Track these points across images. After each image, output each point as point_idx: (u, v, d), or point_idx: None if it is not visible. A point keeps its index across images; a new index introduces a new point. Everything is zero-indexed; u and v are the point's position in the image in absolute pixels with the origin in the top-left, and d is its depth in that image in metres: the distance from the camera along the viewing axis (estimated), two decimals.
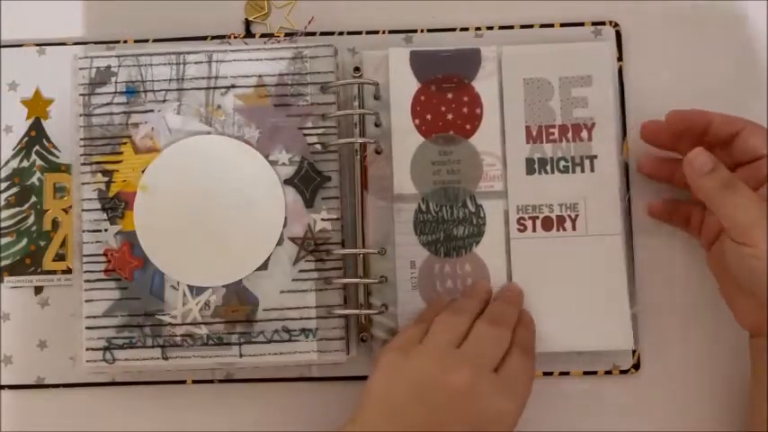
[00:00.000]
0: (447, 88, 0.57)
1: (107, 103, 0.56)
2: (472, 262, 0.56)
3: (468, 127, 0.56)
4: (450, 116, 0.56)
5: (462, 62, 0.57)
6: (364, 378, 0.56)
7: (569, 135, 0.56)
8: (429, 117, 0.56)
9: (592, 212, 0.56)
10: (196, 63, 0.56)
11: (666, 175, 0.56)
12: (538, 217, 0.56)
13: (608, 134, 0.56)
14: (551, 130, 0.56)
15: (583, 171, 0.56)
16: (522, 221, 0.56)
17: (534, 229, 0.56)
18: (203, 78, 0.56)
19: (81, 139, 0.56)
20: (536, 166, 0.56)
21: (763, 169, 0.50)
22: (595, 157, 0.56)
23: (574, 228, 0.55)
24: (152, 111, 0.56)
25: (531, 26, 0.58)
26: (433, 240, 0.56)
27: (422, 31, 0.58)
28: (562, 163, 0.56)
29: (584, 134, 0.56)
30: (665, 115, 0.53)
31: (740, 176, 0.48)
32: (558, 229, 0.56)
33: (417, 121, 0.56)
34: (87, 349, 0.55)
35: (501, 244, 0.56)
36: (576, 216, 0.56)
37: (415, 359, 0.50)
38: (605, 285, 0.55)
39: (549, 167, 0.56)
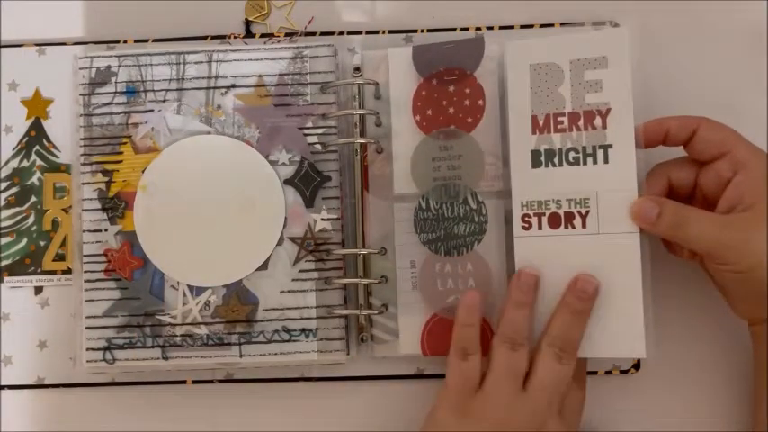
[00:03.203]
0: (449, 81, 0.55)
1: (107, 103, 0.56)
2: (473, 261, 0.54)
3: (469, 120, 0.54)
4: (451, 110, 0.55)
5: (465, 52, 0.55)
6: (364, 378, 0.57)
7: (580, 123, 0.52)
8: (430, 113, 0.55)
9: (604, 208, 0.51)
10: (196, 63, 0.56)
11: (660, 139, 0.53)
12: (544, 213, 0.52)
13: (625, 121, 0.51)
14: (560, 119, 0.52)
15: (595, 162, 0.51)
16: (526, 218, 0.52)
17: (540, 227, 0.52)
18: (203, 78, 0.56)
19: (81, 139, 0.56)
20: (542, 158, 0.52)
21: (722, 171, 0.50)
22: (610, 146, 0.51)
23: (584, 225, 0.51)
24: (152, 111, 0.56)
25: (532, 26, 0.58)
26: (434, 239, 0.55)
27: (422, 31, 0.58)
28: (572, 154, 0.52)
29: (598, 121, 0.51)
30: None
31: (705, 177, 0.51)
32: (566, 227, 0.52)
33: (418, 118, 0.55)
34: (87, 349, 0.55)
35: (504, 242, 0.54)
36: (587, 212, 0.51)
37: (476, 414, 0.50)
38: (618, 289, 0.51)
39: (556, 159, 0.52)
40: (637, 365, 0.56)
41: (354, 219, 0.56)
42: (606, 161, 0.51)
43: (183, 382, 0.57)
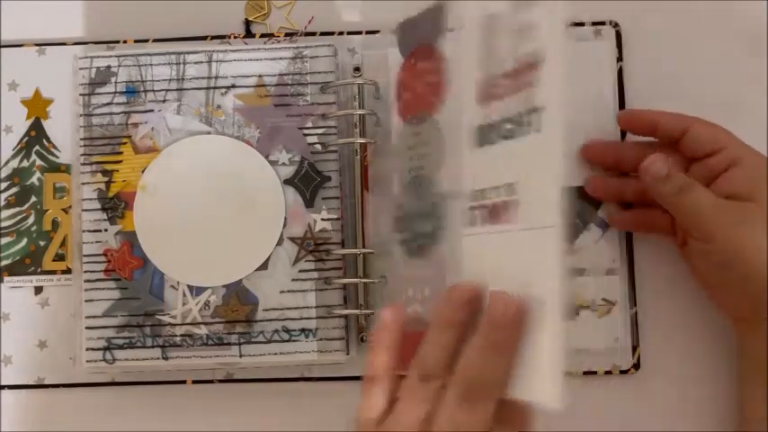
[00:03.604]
0: (420, 58, 0.48)
1: (107, 103, 0.56)
2: (432, 265, 0.45)
3: (433, 99, 0.46)
4: (420, 90, 0.48)
5: (430, 24, 0.47)
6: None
7: (517, 83, 0.39)
8: (408, 97, 0.49)
9: (531, 196, 0.38)
10: (196, 63, 0.56)
11: (617, 194, 0.55)
12: (485, 205, 0.40)
13: (556, 74, 0.36)
14: (500, 82, 0.40)
15: (528, 134, 0.38)
16: (471, 211, 0.42)
17: (482, 222, 0.41)
18: (203, 78, 0.56)
19: (81, 139, 0.56)
20: (485, 134, 0.41)
21: (716, 165, 0.51)
22: (543, 109, 0.37)
23: (515, 219, 0.38)
24: (152, 111, 0.56)
25: None
26: (403, 240, 0.48)
27: None
28: (506, 126, 0.39)
29: (530, 77, 0.37)
30: (617, 116, 0.55)
31: (694, 173, 0.51)
32: (500, 221, 0.39)
33: (399, 105, 0.50)
34: (87, 349, 0.55)
35: (457, 243, 0.43)
36: (517, 201, 0.38)
37: None
38: (536, 309, 0.37)
39: (494, 135, 0.40)
40: (637, 365, 0.56)
41: (354, 219, 0.56)
42: (539, 130, 0.37)
43: (183, 382, 0.57)
